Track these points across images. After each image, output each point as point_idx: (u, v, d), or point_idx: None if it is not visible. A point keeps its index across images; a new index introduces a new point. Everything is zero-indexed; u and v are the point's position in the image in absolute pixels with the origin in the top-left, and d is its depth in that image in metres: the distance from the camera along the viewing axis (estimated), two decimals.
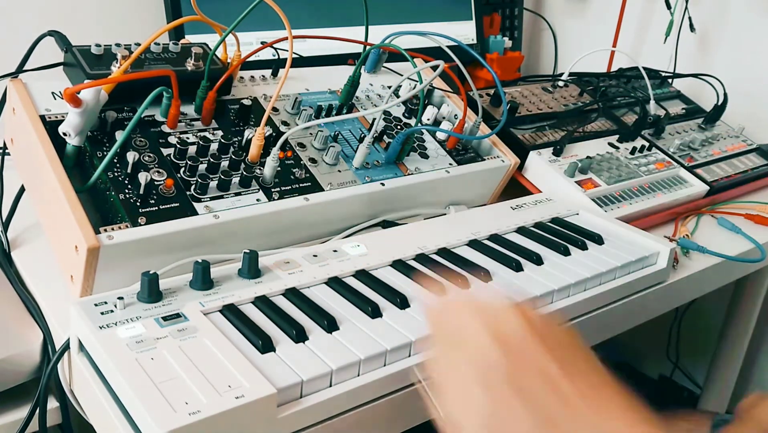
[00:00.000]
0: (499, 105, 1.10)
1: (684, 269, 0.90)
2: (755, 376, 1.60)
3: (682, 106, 1.35)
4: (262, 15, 0.77)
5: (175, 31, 1.04)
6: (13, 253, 0.78)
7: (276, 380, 0.53)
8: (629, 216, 0.97)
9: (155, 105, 0.75)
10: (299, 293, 0.66)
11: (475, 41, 1.45)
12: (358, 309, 0.64)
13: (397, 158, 0.87)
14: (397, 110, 0.96)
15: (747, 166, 1.21)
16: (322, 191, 0.79)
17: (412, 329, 0.62)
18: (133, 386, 0.50)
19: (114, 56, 0.74)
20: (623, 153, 1.11)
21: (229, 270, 0.67)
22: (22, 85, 0.73)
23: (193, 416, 0.48)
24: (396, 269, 0.73)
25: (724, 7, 1.46)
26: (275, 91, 0.79)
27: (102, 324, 0.57)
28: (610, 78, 1.35)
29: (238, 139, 0.79)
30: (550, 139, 1.07)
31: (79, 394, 0.63)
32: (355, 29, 1.05)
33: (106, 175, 0.69)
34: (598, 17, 1.65)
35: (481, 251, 0.78)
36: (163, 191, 0.70)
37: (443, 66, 0.83)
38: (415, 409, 0.63)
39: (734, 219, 1.07)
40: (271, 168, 0.75)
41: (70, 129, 0.68)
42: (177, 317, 0.59)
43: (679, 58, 1.49)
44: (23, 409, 0.65)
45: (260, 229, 0.74)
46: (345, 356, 0.57)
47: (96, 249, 0.62)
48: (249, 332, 0.58)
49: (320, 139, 0.83)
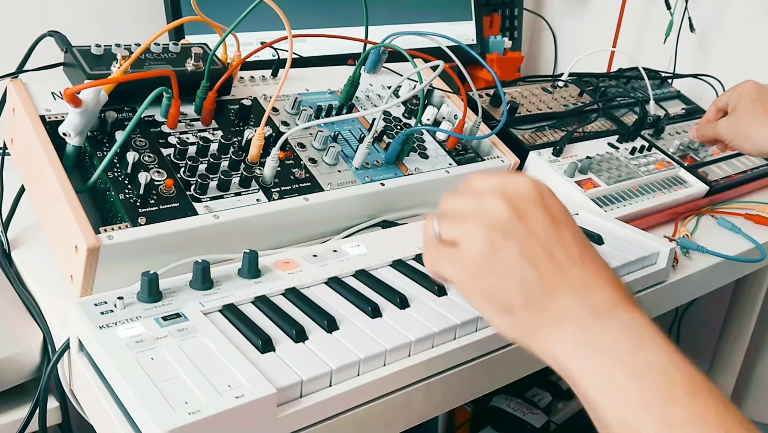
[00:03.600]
0: (499, 105, 1.10)
1: (684, 269, 0.90)
2: (755, 376, 1.60)
3: (682, 107, 1.35)
4: (262, 15, 0.77)
5: (175, 32, 1.04)
6: (13, 253, 0.78)
7: (276, 379, 0.53)
8: (629, 216, 0.97)
9: (155, 105, 0.75)
10: (299, 293, 0.66)
11: (474, 41, 1.45)
12: (358, 309, 0.64)
13: (397, 158, 0.87)
14: (397, 110, 0.96)
15: (747, 166, 1.21)
16: (322, 191, 0.79)
17: (412, 329, 0.62)
18: (133, 386, 0.50)
19: (114, 56, 0.74)
20: (623, 153, 1.11)
21: (229, 270, 0.67)
22: (22, 85, 0.73)
23: (193, 416, 0.48)
24: (396, 269, 0.73)
25: (724, 7, 1.46)
26: (275, 91, 0.79)
27: (102, 324, 0.57)
28: (610, 78, 1.35)
29: (238, 139, 0.79)
30: (550, 139, 1.07)
31: (79, 394, 0.63)
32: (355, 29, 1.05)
33: (106, 175, 0.69)
34: (598, 17, 1.65)
35: None
36: (163, 191, 0.70)
37: (443, 66, 0.83)
38: (415, 409, 0.63)
39: (734, 219, 1.07)
40: (271, 168, 0.75)
41: (70, 129, 0.68)
42: (177, 317, 0.59)
43: (679, 59, 1.49)
44: (23, 409, 0.65)
45: (260, 229, 0.74)
46: (345, 356, 0.57)
47: (96, 249, 0.62)
48: (249, 331, 0.58)
49: (320, 139, 0.83)
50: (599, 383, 0.47)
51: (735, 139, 1.00)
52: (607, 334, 0.49)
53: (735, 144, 1.00)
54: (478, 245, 0.52)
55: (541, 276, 0.51)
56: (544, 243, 0.52)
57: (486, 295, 0.53)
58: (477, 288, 0.53)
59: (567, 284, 0.51)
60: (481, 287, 0.53)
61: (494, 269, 0.52)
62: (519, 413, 1.40)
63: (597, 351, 0.48)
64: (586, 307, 0.50)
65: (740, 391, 1.57)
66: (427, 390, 0.63)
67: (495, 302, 0.52)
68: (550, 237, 0.52)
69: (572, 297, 0.50)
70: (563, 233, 0.53)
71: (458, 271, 0.54)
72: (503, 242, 0.51)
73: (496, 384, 0.72)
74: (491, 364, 0.68)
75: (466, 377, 0.66)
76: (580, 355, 0.49)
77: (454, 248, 0.54)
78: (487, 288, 0.52)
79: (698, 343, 1.66)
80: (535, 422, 1.38)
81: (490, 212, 0.53)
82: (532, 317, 0.51)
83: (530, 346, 0.52)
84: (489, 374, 0.69)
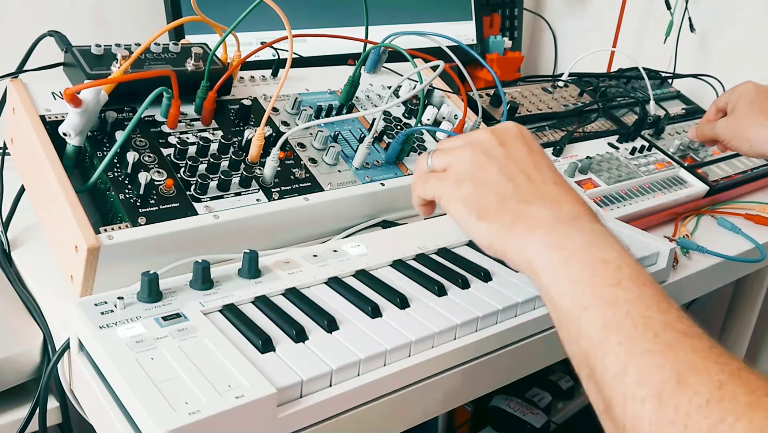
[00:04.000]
0: (499, 105, 1.10)
1: (684, 269, 0.90)
2: None
3: (682, 107, 1.35)
4: (262, 15, 0.77)
5: (175, 32, 1.04)
6: (13, 253, 0.78)
7: (276, 379, 0.53)
8: (629, 216, 0.97)
9: (155, 105, 0.75)
10: (299, 293, 0.66)
11: (475, 41, 1.46)
12: (358, 309, 0.64)
13: (397, 158, 0.87)
14: (397, 110, 0.96)
15: (747, 166, 1.21)
16: (322, 191, 0.79)
17: (412, 329, 0.62)
18: (133, 386, 0.50)
19: (114, 56, 0.74)
20: (623, 153, 1.11)
21: (229, 270, 0.67)
22: (22, 85, 0.73)
23: (193, 416, 0.48)
24: (396, 269, 0.73)
25: (724, 7, 1.46)
26: (275, 91, 0.79)
27: (102, 324, 0.57)
28: (610, 78, 1.35)
29: (238, 139, 0.79)
30: (550, 139, 1.07)
31: (79, 394, 0.63)
32: (355, 29, 1.05)
33: (106, 175, 0.69)
34: (598, 17, 1.65)
35: (481, 251, 0.78)
36: (163, 191, 0.70)
37: (443, 66, 0.83)
38: (415, 409, 0.63)
39: (734, 219, 1.07)
40: (271, 168, 0.75)
41: (70, 129, 0.68)
42: (177, 317, 0.59)
43: (679, 59, 1.49)
44: (23, 409, 0.65)
45: (260, 229, 0.74)
46: (345, 356, 0.57)
47: (96, 249, 0.62)
48: (249, 331, 0.58)
49: (320, 139, 0.83)
50: (556, 273, 0.53)
51: (733, 140, 1.00)
52: (570, 235, 0.55)
53: (733, 145, 1.00)
54: (464, 163, 0.61)
55: (517, 189, 0.59)
56: (521, 166, 0.60)
57: (465, 201, 0.60)
58: (458, 196, 0.60)
59: (539, 198, 0.58)
60: (461, 195, 0.60)
61: (475, 180, 0.60)
62: (519, 413, 1.40)
63: (559, 248, 0.54)
64: (556, 216, 0.57)
65: None
66: (427, 390, 0.63)
67: (471, 206, 0.59)
68: (527, 162, 0.60)
69: (543, 207, 0.57)
70: (538, 160, 0.61)
71: (443, 186, 0.62)
72: (486, 161, 0.60)
73: (496, 384, 0.72)
74: (491, 364, 0.68)
75: (466, 377, 0.66)
76: (544, 253, 0.55)
77: (443, 172, 0.63)
78: (466, 196, 0.60)
79: None
80: (535, 422, 1.39)
81: (477, 141, 0.62)
82: (506, 221, 0.58)
83: (504, 248, 0.58)
84: (489, 374, 0.69)
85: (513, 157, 0.60)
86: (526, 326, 0.69)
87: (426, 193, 0.64)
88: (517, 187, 0.59)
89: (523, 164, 0.60)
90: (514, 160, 0.60)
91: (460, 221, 0.61)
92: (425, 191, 0.64)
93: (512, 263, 0.58)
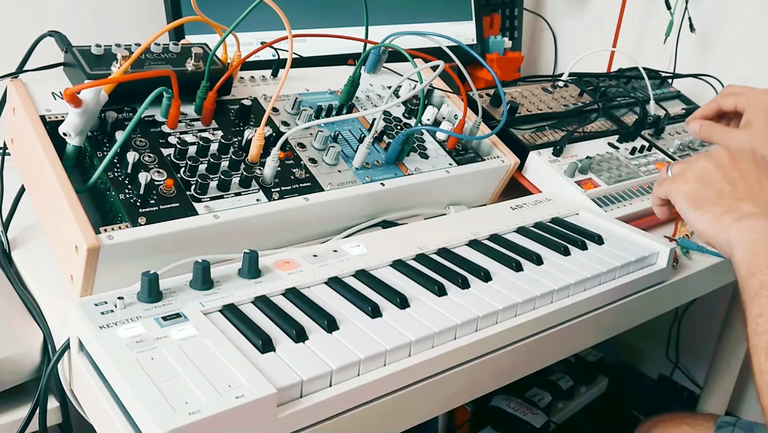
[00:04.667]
0: (499, 105, 1.10)
1: (684, 269, 0.90)
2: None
3: (682, 107, 1.35)
4: (262, 15, 0.77)
5: (175, 32, 1.04)
6: (13, 253, 0.78)
7: (276, 379, 0.53)
8: (629, 216, 0.97)
9: (155, 105, 0.75)
10: (299, 293, 0.66)
11: (475, 41, 1.45)
12: (358, 309, 0.64)
13: (397, 158, 0.87)
14: (397, 110, 0.96)
15: None
16: (322, 191, 0.79)
17: (412, 329, 0.62)
18: (133, 386, 0.50)
19: (114, 56, 0.74)
20: (623, 153, 1.11)
21: (229, 270, 0.67)
22: (22, 85, 0.73)
23: (193, 416, 0.48)
24: (396, 269, 0.73)
25: (724, 7, 1.46)
26: (275, 91, 0.79)
27: (102, 324, 0.57)
28: (610, 78, 1.35)
29: (238, 139, 0.79)
30: (550, 139, 1.07)
31: (79, 394, 0.63)
32: (355, 29, 1.05)
33: (106, 175, 0.69)
34: (598, 17, 1.65)
35: (481, 251, 0.79)
36: (163, 191, 0.70)
37: (443, 66, 0.83)
38: (415, 409, 0.63)
39: None
40: (271, 168, 0.75)
41: (70, 129, 0.68)
42: (177, 317, 0.59)
43: (679, 59, 1.49)
44: (23, 409, 0.65)
45: (260, 229, 0.74)
46: (345, 356, 0.57)
47: (96, 249, 0.62)
48: (249, 331, 0.58)
49: (320, 139, 0.83)
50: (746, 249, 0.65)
51: None
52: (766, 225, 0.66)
53: None
54: (695, 169, 0.74)
55: (734, 190, 0.70)
56: (744, 176, 0.71)
57: (686, 195, 0.73)
58: (682, 191, 0.74)
59: (754, 200, 0.69)
60: (685, 190, 0.74)
61: (700, 180, 0.73)
62: (519, 413, 1.40)
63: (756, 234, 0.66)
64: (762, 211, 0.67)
65: (740, 391, 1.57)
66: (427, 390, 0.63)
67: (692, 199, 0.72)
68: (751, 175, 0.72)
69: (755, 205, 0.68)
70: (762, 177, 0.72)
71: (673, 185, 0.75)
72: (713, 168, 0.73)
73: (496, 384, 0.72)
74: (491, 364, 0.68)
75: (466, 377, 0.66)
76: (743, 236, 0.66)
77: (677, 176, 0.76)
78: (689, 191, 0.73)
79: (698, 343, 1.66)
80: (535, 422, 1.39)
81: (712, 154, 0.74)
82: (717, 212, 0.69)
83: (714, 233, 0.70)
84: (489, 374, 0.69)
85: (739, 168, 0.72)
86: (526, 326, 0.70)
87: (660, 192, 0.77)
88: (735, 189, 0.70)
89: (746, 176, 0.71)
90: (739, 170, 0.72)
91: (681, 211, 0.74)
92: (660, 191, 0.77)
93: (717, 246, 0.70)
